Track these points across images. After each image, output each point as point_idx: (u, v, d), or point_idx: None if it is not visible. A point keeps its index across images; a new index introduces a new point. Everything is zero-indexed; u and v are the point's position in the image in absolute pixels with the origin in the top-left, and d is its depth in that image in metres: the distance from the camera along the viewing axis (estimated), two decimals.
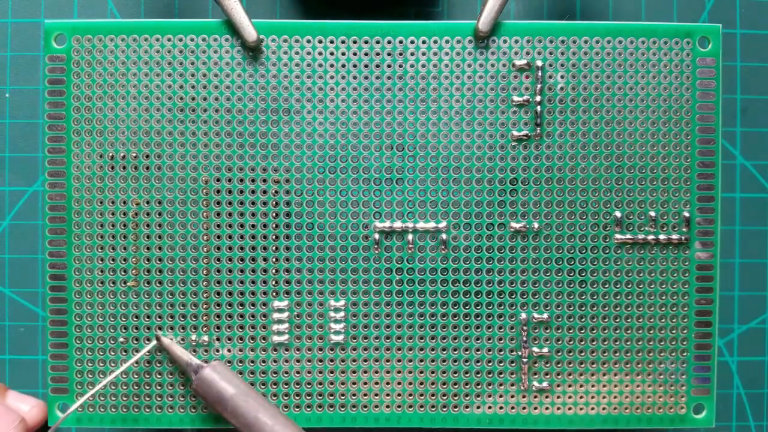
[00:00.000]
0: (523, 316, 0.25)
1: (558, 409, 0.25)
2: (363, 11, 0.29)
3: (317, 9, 0.30)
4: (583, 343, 0.25)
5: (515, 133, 0.25)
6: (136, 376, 0.25)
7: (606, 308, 0.25)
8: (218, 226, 0.25)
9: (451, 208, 0.25)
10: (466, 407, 0.25)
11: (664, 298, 0.25)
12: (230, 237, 0.25)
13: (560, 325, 0.25)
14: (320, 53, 0.25)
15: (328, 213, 0.25)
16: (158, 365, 0.25)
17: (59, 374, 0.25)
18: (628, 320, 0.25)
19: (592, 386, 0.25)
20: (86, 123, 0.25)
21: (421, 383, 0.25)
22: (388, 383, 0.25)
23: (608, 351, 0.25)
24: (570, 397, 0.25)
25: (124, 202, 0.25)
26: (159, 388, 0.25)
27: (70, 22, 0.25)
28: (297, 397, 0.25)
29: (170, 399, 0.25)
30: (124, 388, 0.25)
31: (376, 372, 0.25)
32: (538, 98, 0.25)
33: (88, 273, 0.25)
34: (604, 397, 0.25)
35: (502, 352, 0.25)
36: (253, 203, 0.25)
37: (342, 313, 0.25)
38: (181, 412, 0.25)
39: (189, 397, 0.25)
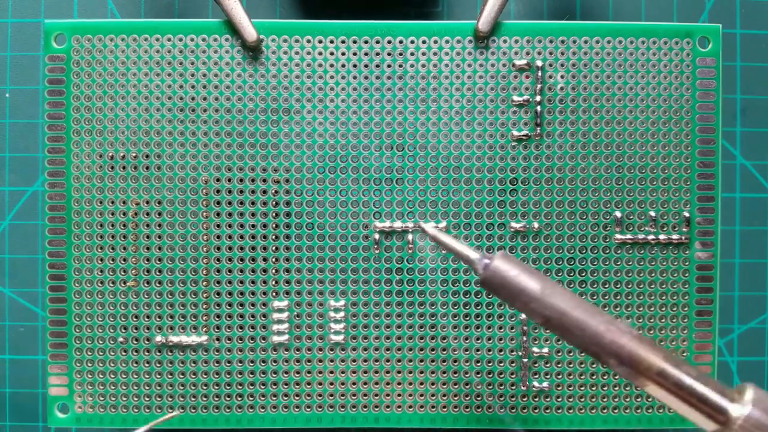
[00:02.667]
0: (523, 316, 0.25)
1: (558, 409, 0.25)
2: (363, 11, 0.29)
3: (317, 9, 0.30)
4: None
5: (515, 133, 0.25)
6: (135, 376, 0.25)
7: (606, 308, 0.25)
8: (218, 226, 0.25)
9: (451, 208, 0.25)
10: (466, 407, 0.25)
11: (664, 298, 0.25)
12: (230, 237, 0.25)
13: None
14: (320, 53, 0.25)
15: (328, 213, 0.25)
16: (158, 365, 0.25)
17: (59, 374, 0.25)
18: (628, 320, 0.25)
19: (592, 386, 0.25)
20: (86, 123, 0.25)
21: (421, 383, 0.25)
22: (388, 383, 0.25)
23: None
24: (570, 397, 0.25)
25: (124, 202, 0.25)
26: (159, 388, 0.25)
27: (70, 22, 0.25)
28: (297, 397, 0.25)
29: (170, 399, 0.25)
30: (124, 388, 0.25)
31: (376, 372, 0.25)
32: (538, 98, 0.25)
33: (88, 273, 0.25)
34: (604, 397, 0.25)
35: (502, 353, 0.25)
36: (253, 203, 0.25)
37: (342, 313, 0.25)
38: (180, 413, 0.25)
39: (189, 397, 0.25)
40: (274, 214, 0.25)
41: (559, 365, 0.25)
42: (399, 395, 0.25)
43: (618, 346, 0.19)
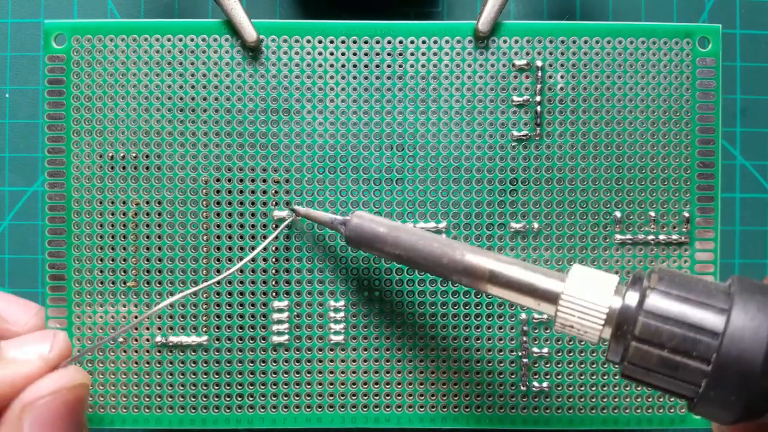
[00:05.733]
0: (523, 316, 0.25)
1: (558, 409, 0.25)
2: (363, 11, 0.29)
3: (317, 9, 0.30)
4: (583, 343, 0.25)
5: (515, 133, 0.25)
6: (135, 377, 0.25)
7: None
8: (218, 226, 0.25)
9: (451, 208, 0.25)
10: (466, 407, 0.25)
11: None
12: (230, 237, 0.25)
13: None
14: (320, 53, 0.25)
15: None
16: (158, 365, 0.25)
17: None
18: None
19: (592, 386, 0.25)
20: (86, 123, 0.25)
21: (421, 383, 0.25)
22: (388, 383, 0.25)
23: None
24: (570, 398, 0.25)
25: (124, 202, 0.25)
26: (159, 388, 0.25)
27: (70, 22, 0.25)
28: (297, 397, 0.25)
29: (170, 399, 0.25)
30: (124, 388, 0.25)
31: (376, 372, 0.25)
32: (538, 98, 0.25)
33: (88, 273, 0.25)
34: (604, 398, 0.25)
35: (502, 353, 0.25)
36: (253, 203, 0.25)
37: (342, 313, 0.25)
38: (180, 413, 0.25)
39: (189, 397, 0.25)
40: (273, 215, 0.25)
41: (559, 365, 0.25)
42: (399, 395, 0.25)
43: (455, 262, 0.21)
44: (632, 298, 0.18)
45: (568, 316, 0.19)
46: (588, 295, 0.19)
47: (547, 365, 0.25)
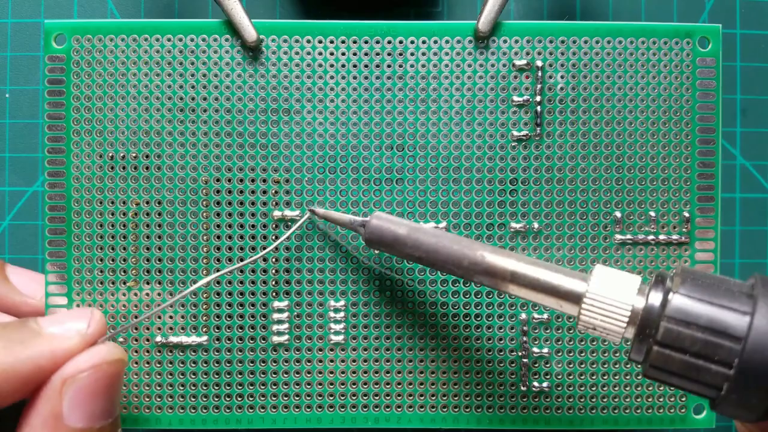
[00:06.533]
0: (523, 316, 0.25)
1: (558, 409, 0.25)
2: (363, 11, 0.29)
3: (317, 9, 0.30)
4: (583, 343, 0.25)
5: (515, 133, 0.25)
6: (135, 377, 0.25)
7: None
8: (218, 226, 0.25)
9: (451, 208, 0.25)
10: (466, 407, 0.25)
11: None
12: (230, 237, 0.25)
13: (560, 325, 0.25)
14: (320, 53, 0.25)
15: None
16: (158, 365, 0.25)
17: None
18: None
19: (592, 386, 0.25)
20: (86, 123, 0.25)
21: (421, 383, 0.25)
22: (388, 383, 0.25)
23: (608, 351, 0.25)
24: (570, 398, 0.25)
25: (124, 202, 0.25)
26: (159, 388, 0.25)
27: (70, 22, 0.25)
28: (297, 397, 0.25)
29: (170, 399, 0.25)
30: (124, 388, 0.25)
31: (376, 372, 0.25)
32: (538, 98, 0.25)
33: (88, 273, 0.25)
34: (604, 398, 0.25)
35: (502, 353, 0.25)
36: (253, 203, 0.25)
37: (342, 313, 0.25)
38: (180, 413, 0.25)
39: (189, 397, 0.25)
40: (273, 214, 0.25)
41: (559, 365, 0.25)
42: (399, 395, 0.25)
43: (476, 264, 0.21)
44: (655, 300, 0.18)
45: (592, 317, 0.19)
46: (612, 296, 0.19)
47: (547, 365, 0.25)
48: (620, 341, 0.19)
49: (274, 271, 0.25)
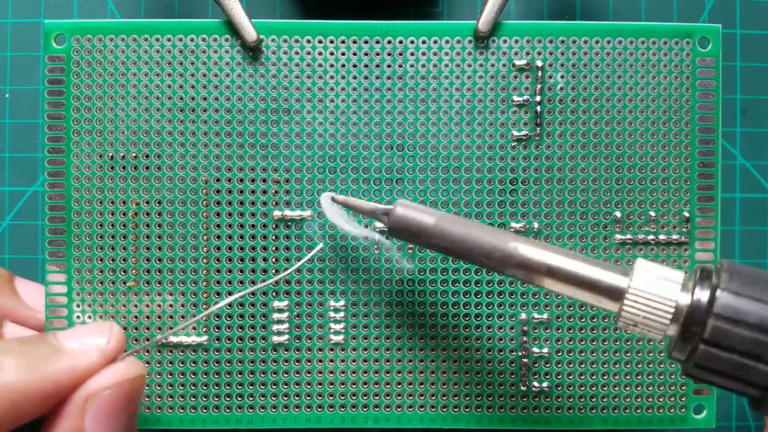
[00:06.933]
0: (523, 316, 0.25)
1: (558, 409, 0.25)
2: (363, 11, 0.29)
3: (317, 9, 0.30)
4: (583, 343, 0.25)
5: (515, 133, 0.25)
6: None
7: None
8: (218, 226, 0.25)
9: (451, 208, 0.25)
10: (466, 407, 0.25)
11: None
12: (230, 237, 0.25)
13: (560, 325, 0.25)
14: (320, 53, 0.25)
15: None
16: (158, 365, 0.25)
17: None
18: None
19: (592, 386, 0.25)
20: (86, 123, 0.25)
21: (421, 383, 0.25)
22: (388, 383, 0.25)
23: (608, 351, 0.25)
24: (570, 398, 0.25)
25: (124, 202, 0.25)
26: (159, 388, 0.25)
27: (70, 22, 0.25)
28: (297, 398, 0.25)
29: (170, 399, 0.25)
30: None
31: (376, 372, 0.25)
32: (538, 98, 0.25)
33: (88, 273, 0.25)
34: (604, 398, 0.25)
35: (502, 353, 0.25)
36: (253, 203, 0.25)
37: (342, 313, 0.25)
38: (180, 413, 0.25)
39: (189, 397, 0.25)
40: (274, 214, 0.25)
41: (559, 365, 0.25)
42: (399, 395, 0.25)
43: (509, 256, 0.20)
44: (701, 296, 0.17)
45: (635, 313, 0.18)
46: (656, 291, 0.18)
47: (547, 365, 0.25)
48: (662, 338, 0.19)
49: (274, 271, 0.25)
